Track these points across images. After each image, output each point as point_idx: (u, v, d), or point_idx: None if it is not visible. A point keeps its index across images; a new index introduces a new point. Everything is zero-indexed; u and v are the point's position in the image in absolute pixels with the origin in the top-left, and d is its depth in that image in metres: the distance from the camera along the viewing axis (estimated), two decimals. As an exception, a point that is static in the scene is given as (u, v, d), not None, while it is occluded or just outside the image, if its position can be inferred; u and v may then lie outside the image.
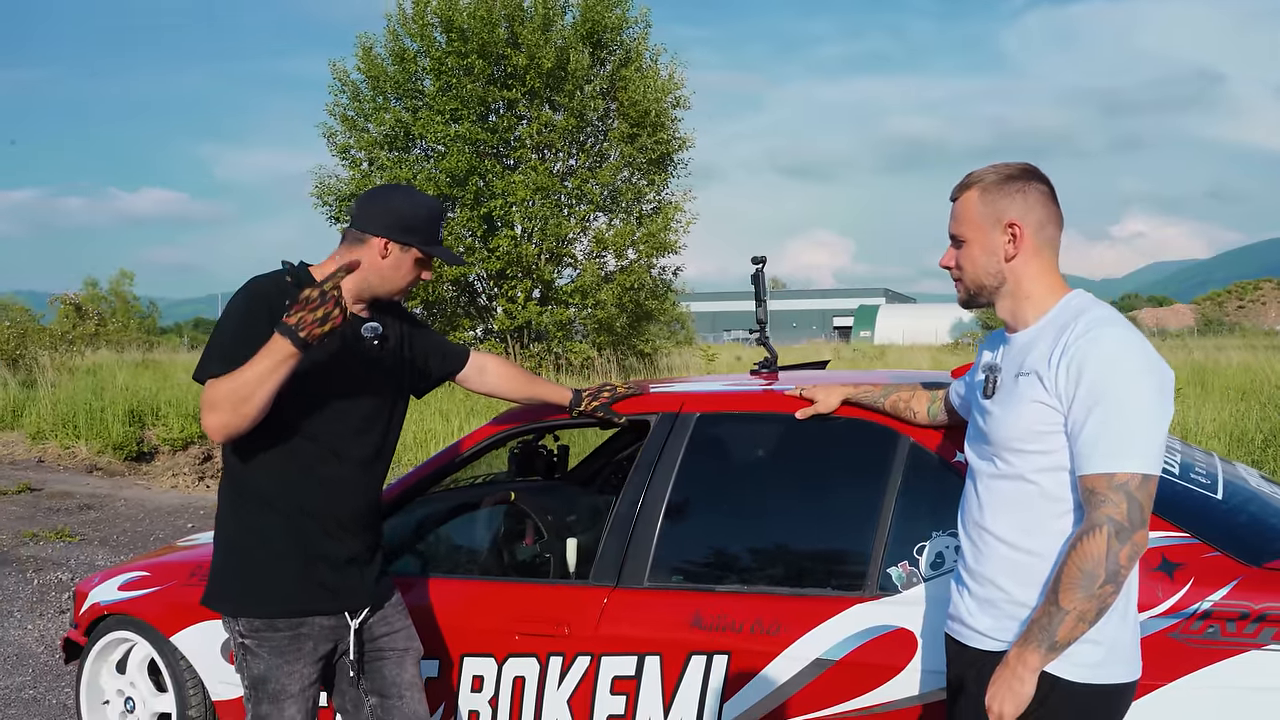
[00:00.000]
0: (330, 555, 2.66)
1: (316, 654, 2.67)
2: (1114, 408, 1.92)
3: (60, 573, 7.43)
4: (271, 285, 2.62)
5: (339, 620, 2.69)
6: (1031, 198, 2.12)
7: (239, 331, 2.51)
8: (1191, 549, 2.41)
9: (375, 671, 2.77)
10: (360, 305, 2.72)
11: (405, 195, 2.73)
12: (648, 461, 3.07)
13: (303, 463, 2.61)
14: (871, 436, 2.82)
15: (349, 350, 2.66)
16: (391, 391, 2.80)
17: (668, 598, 2.90)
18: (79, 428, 14.21)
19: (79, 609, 4.05)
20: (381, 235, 2.63)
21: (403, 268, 2.67)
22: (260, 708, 2.65)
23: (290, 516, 2.62)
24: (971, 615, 2.14)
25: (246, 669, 2.65)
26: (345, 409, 2.66)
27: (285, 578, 2.62)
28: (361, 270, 2.64)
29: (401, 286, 2.71)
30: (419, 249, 2.66)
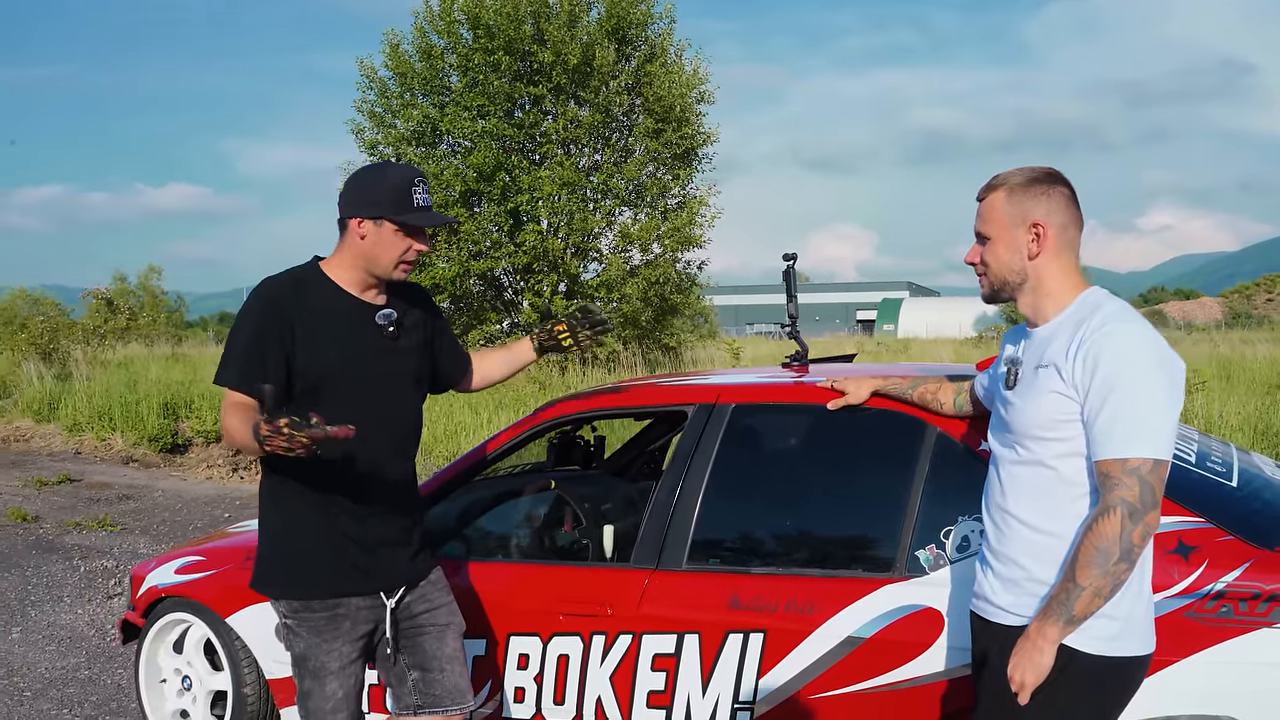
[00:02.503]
0: (361, 539, 2.77)
1: (355, 633, 2.79)
2: (1127, 397, 2.05)
3: (105, 560, 7.63)
4: (283, 288, 2.72)
5: (375, 600, 2.81)
6: (1055, 200, 2.25)
7: (249, 343, 2.64)
8: (1206, 533, 2.53)
9: (416, 647, 2.89)
10: (373, 290, 2.80)
11: (370, 171, 2.77)
12: (685, 450, 3.21)
13: (329, 457, 2.64)
14: (900, 426, 2.95)
15: (367, 340, 2.75)
16: (410, 378, 2.87)
17: (706, 579, 3.04)
18: (114, 420, 14.46)
19: (136, 592, 4.20)
20: (353, 216, 2.70)
21: (384, 242, 2.69)
22: (304, 683, 2.79)
23: (320, 504, 2.74)
24: (995, 593, 2.28)
25: (290, 647, 2.81)
26: (366, 400, 2.73)
27: (319, 562, 2.75)
28: (352, 254, 2.73)
29: (394, 261, 2.72)
30: (390, 219, 2.67)
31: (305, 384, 2.67)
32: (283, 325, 2.64)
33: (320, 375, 2.68)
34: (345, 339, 2.72)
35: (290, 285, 2.73)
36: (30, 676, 5.15)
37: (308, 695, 2.78)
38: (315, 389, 2.67)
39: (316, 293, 2.73)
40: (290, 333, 2.65)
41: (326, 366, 2.68)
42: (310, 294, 2.72)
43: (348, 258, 2.76)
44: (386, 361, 2.80)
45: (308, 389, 2.67)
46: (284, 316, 2.65)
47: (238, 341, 2.67)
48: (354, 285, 2.77)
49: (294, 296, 2.70)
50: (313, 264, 2.82)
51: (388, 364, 2.80)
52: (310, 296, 2.72)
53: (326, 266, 2.79)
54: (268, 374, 2.59)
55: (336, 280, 2.77)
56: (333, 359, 2.69)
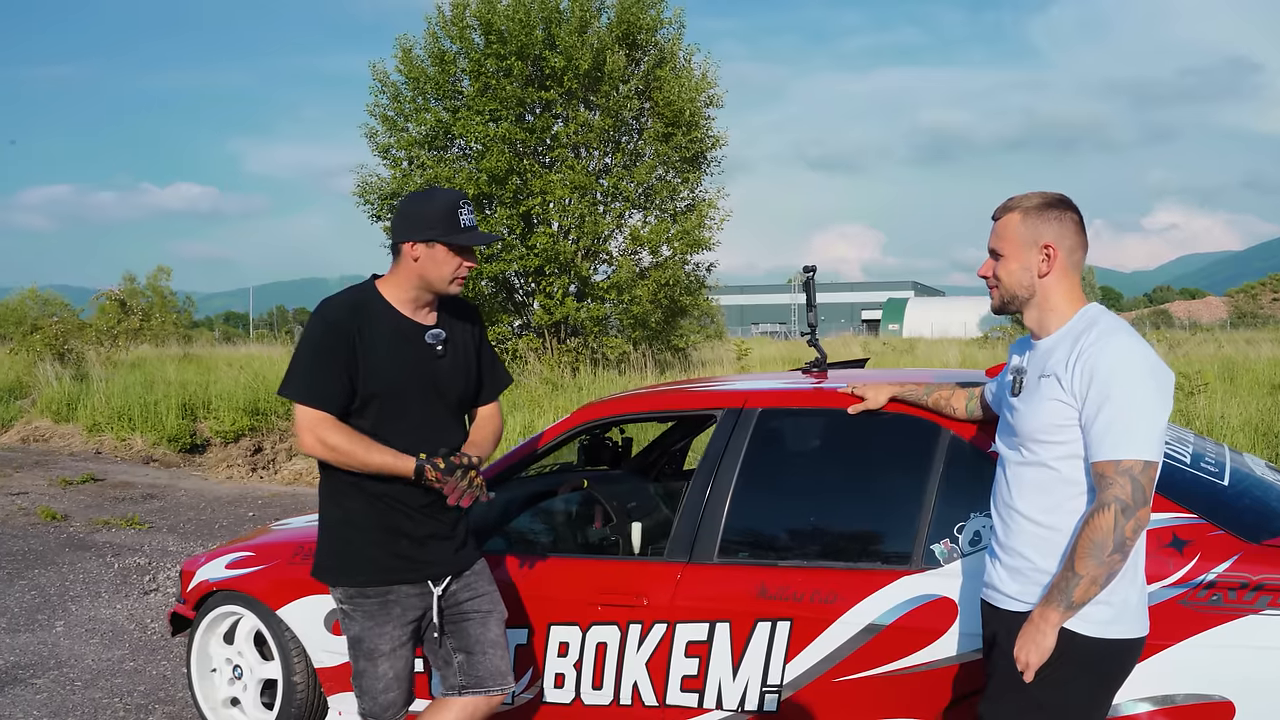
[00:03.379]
0: (411, 532, 3.02)
1: (405, 618, 3.04)
2: (1120, 404, 2.28)
3: (137, 557, 7.86)
4: (344, 309, 2.97)
5: (423, 588, 3.05)
6: (1066, 225, 2.48)
7: (316, 363, 2.91)
8: (1199, 528, 2.76)
9: (461, 631, 3.12)
10: (425, 309, 3.06)
11: (419, 198, 3.03)
12: (715, 451, 3.43)
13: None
14: (916, 430, 3.18)
15: (418, 357, 3.01)
16: (455, 392, 3.12)
17: (736, 571, 3.26)
18: (134, 420, 14.68)
19: (186, 586, 4.42)
20: (406, 240, 2.97)
21: (438, 262, 2.95)
22: (359, 664, 3.05)
23: (374, 501, 2.99)
24: (1003, 582, 2.51)
25: (346, 630, 3.06)
26: (416, 412, 3.00)
27: (373, 552, 3.00)
28: (407, 275, 2.99)
29: (447, 279, 2.98)
30: (440, 241, 2.94)
31: (364, 397, 2.93)
32: (345, 344, 2.91)
33: (378, 389, 2.94)
34: (399, 356, 2.98)
35: (349, 308, 2.98)
36: (79, 668, 5.38)
37: (362, 675, 3.03)
38: (373, 401, 2.94)
39: (374, 313, 2.98)
40: (352, 351, 2.91)
41: (383, 382, 2.94)
42: (369, 314, 2.98)
43: (403, 279, 3.01)
44: (435, 376, 3.04)
45: (367, 401, 2.93)
46: (346, 336, 2.91)
47: (304, 360, 2.93)
48: (407, 305, 3.02)
49: (354, 317, 2.95)
50: (370, 284, 3.07)
51: (436, 378, 3.05)
52: (369, 317, 2.97)
53: (383, 286, 3.04)
54: (334, 391, 2.88)
55: (391, 300, 3.02)
56: (388, 375, 2.95)
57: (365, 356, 2.92)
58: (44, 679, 5.20)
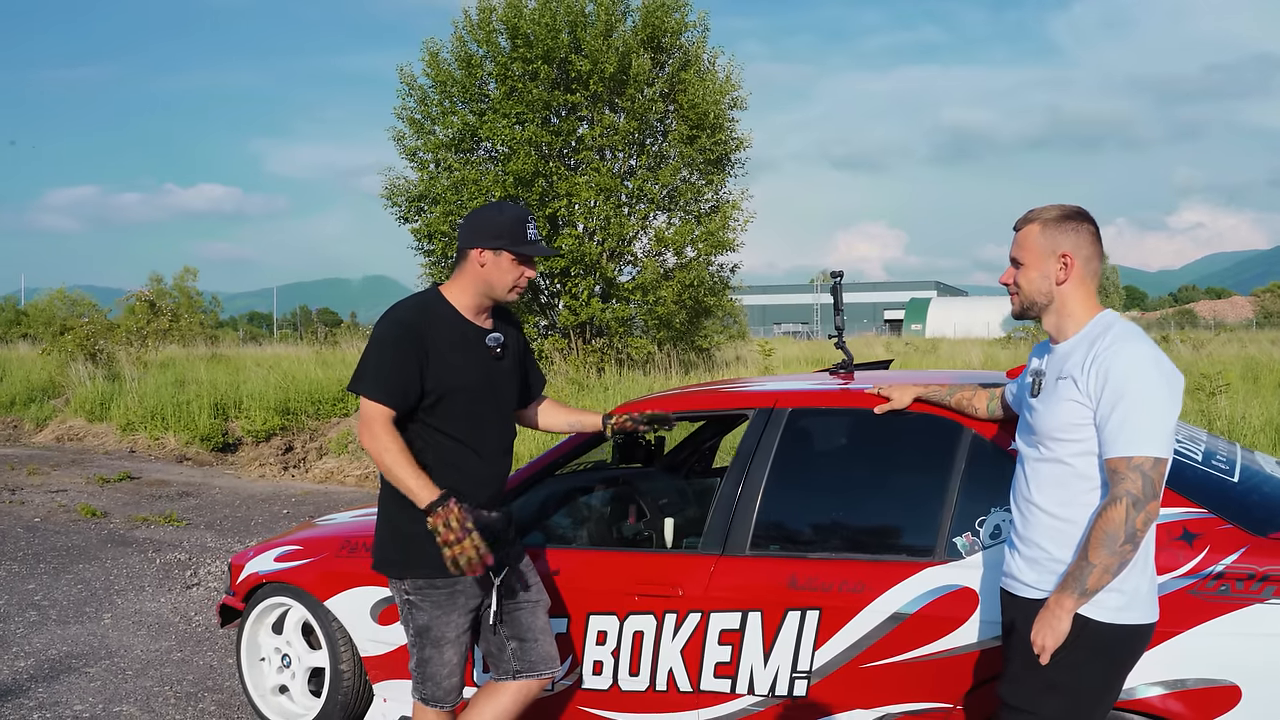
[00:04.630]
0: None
1: (468, 607, 3.23)
2: (1132, 405, 2.43)
3: (177, 553, 8.07)
4: (414, 312, 3.16)
5: (484, 579, 3.24)
6: (1084, 235, 2.63)
7: (390, 362, 3.08)
8: (1208, 522, 2.90)
9: (514, 620, 3.31)
10: (484, 314, 3.26)
11: (489, 209, 3.23)
12: (747, 449, 3.59)
13: (445, 455, 3.16)
14: (939, 429, 3.33)
15: (479, 360, 3.21)
16: (513, 393, 3.35)
17: (767, 563, 3.42)
18: (166, 420, 14.96)
19: (235, 579, 4.61)
20: (474, 247, 3.17)
21: (502, 269, 3.16)
22: (424, 652, 3.22)
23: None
24: (1021, 572, 2.66)
25: (411, 620, 3.22)
26: (477, 411, 3.20)
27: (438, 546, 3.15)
28: (472, 280, 3.18)
29: (509, 286, 3.18)
30: (508, 250, 3.14)
31: (434, 395, 3.12)
32: (416, 346, 3.10)
33: (446, 388, 3.13)
34: (465, 358, 3.18)
35: (419, 311, 3.18)
36: (128, 658, 5.58)
37: (427, 662, 3.20)
38: (441, 399, 3.12)
39: (440, 317, 3.18)
40: (424, 353, 3.10)
41: (451, 381, 3.13)
42: (436, 318, 3.17)
43: (468, 284, 3.21)
44: (495, 377, 3.25)
45: (436, 399, 3.12)
46: (417, 339, 3.10)
47: (376, 358, 3.11)
48: (469, 309, 3.22)
49: (423, 320, 3.15)
50: (434, 291, 3.27)
51: (496, 379, 3.25)
52: (436, 320, 3.17)
53: (447, 291, 3.24)
54: (405, 387, 3.06)
55: (455, 305, 3.22)
56: (455, 375, 3.14)
57: (434, 356, 3.10)
58: (96, 668, 5.41)
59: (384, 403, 3.07)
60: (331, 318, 72.51)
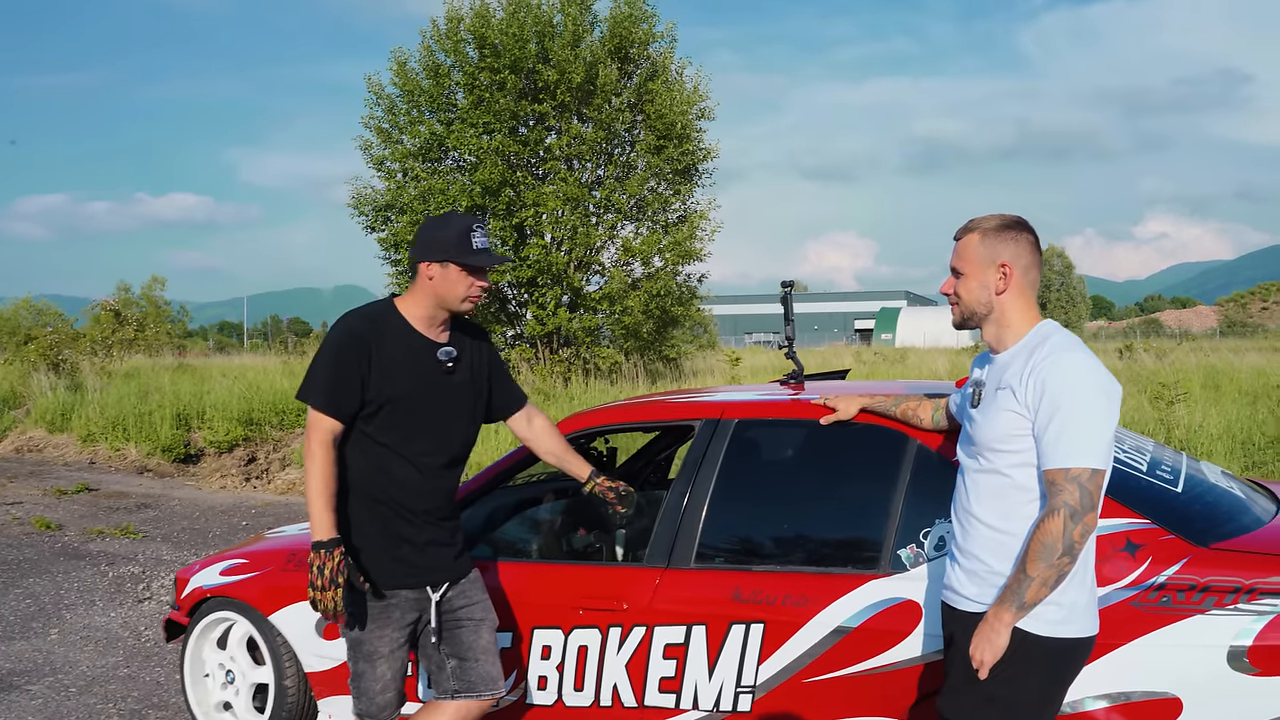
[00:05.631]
0: (412, 538, 3.16)
1: (404, 621, 3.16)
2: (1069, 415, 2.41)
3: (131, 566, 7.93)
4: (363, 322, 3.14)
5: (422, 593, 3.19)
6: (1023, 245, 2.61)
7: (335, 371, 3.06)
8: (1151, 533, 2.88)
9: (455, 638, 3.25)
10: (439, 327, 3.22)
11: (435, 222, 3.20)
12: (693, 460, 3.56)
13: (384, 466, 3.12)
14: (884, 439, 3.30)
15: (425, 373, 3.16)
16: (466, 409, 3.28)
17: (712, 576, 3.38)
18: (128, 430, 14.72)
19: (180, 593, 4.51)
20: (422, 261, 3.14)
21: (451, 281, 3.12)
22: (358, 666, 3.16)
23: (377, 509, 3.13)
24: (961, 584, 2.63)
25: (346, 632, 3.16)
26: (422, 426, 3.15)
27: (376, 558, 3.12)
28: (423, 294, 3.15)
29: (460, 298, 3.15)
30: (455, 262, 3.10)
31: (376, 405, 3.08)
32: (362, 355, 3.06)
33: (388, 399, 3.09)
34: (411, 370, 3.13)
35: (370, 320, 3.15)
36: (73, 674, 5.47)
37: (361, 676, 3.14)
38: (383, 410, 3.08)
39: (390, 328, 3.15)
40: (367, 362, 3.06)
41: (394, 393, 3.09)
42: (385, 329, 3.14)
43: (420, 297, 3.17)
44: (444, 391, 3.20)
45: (376, 409, 3.08)
46: (363, 348, 3.07)
47: (323, 368, 3.08)
48: (423, 322, 3.18)
49: (371, 332, 3.11)
50: (389, 302, 3.23)
51: (445, 393, 3.20)
52: (385, 331, 3.14)
53: (401, 304, 3.21)
54: (348, 397, 3.04)
55: (408, 317, 3.18)
56: (399, 387, 3.10)
57: (377, 366, 3.07)
58: (39, 685, 5.30)
59: (327, 411, 3.04)
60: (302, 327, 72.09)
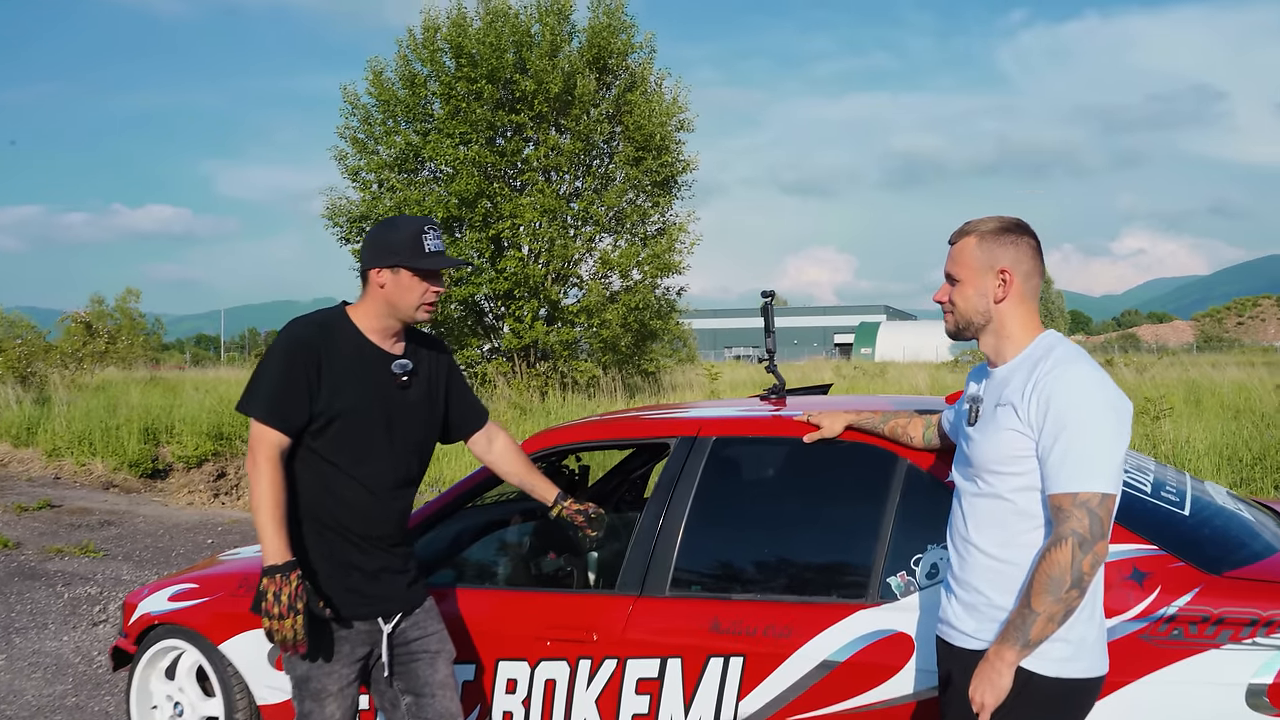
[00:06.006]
0: (362, 565, 2.92)
1: (354, 655, 2.92)
2: (1077, 435, 2.20)
3: (89, 587, 7.65)
4: (312, 329, 2.89)
5: (373, 625, 2.94)
6: (1023, 250, 2.41)
7: (280, 380, 2.81)
8: (1159, 560, 2.68)
9: (410, 672, 3.01)
10: (393, 339, 2.98)
11: (384, 225, 2.98)
12: (668, 480, 3.34)
13: (332, 487, 2.88)
14: (872, 459, 3.09)
15: (377, 387, 2.93)
16: (420, 426, 3.04)
17: (688, 605, 3.16)
18: (94, 445, 14.40)
19: (128, 619, 4.26)
20: (372, 267, 2.91)
21: (404, 288, 2.89)
22: (304, 705, 2.91)
23: (325, 533, 2.89)
24: (958, 618, 2.42)
25: (291, 669, 2.91)
26: (368, 441, 2.91)
27: (323, 586, 2.87)
28: (375, 303, 2.92)
29: (414, 305, 2.92)
30: (405, 266, 2.88)
31: (322, 419, 2.84)
32: (309, 365, 2.82)
33: (337, 413, 2.85)
34: (362, 383, 2.89)
35: (318, 328, 2.91)
36: (17, 704, 5.19)
37: (308, 716, 2.89)
38: (330, 424, 2.85)
39: (341, 338, 2.91)
40: (316, 373, 2.83)
41: (343, 406, 2.85)
42: (336, 338, 2.90)
43: (371, 306, 2.94)
44: (397, 406, 2.96)
45: (324, 424, 2.84)
46: (311, 357, 2.83)
47: (267, 377, 2.84)
48: (376, 333, 2.95)
49: (321, 339, 2.88)
50: (340, 310, 2.99)
51: (398, 408, 2.96)
52: (336, 341, 2.90)
53: (353, 313, 2.97)
54: (295, 408, 2.80)
55: (361, 327, 2.95)
56: (349, 400, 2.86)
57: (327, 378, 2.84)
58: (-20, 716, 5.03)
59: (271, 424, 2.80)
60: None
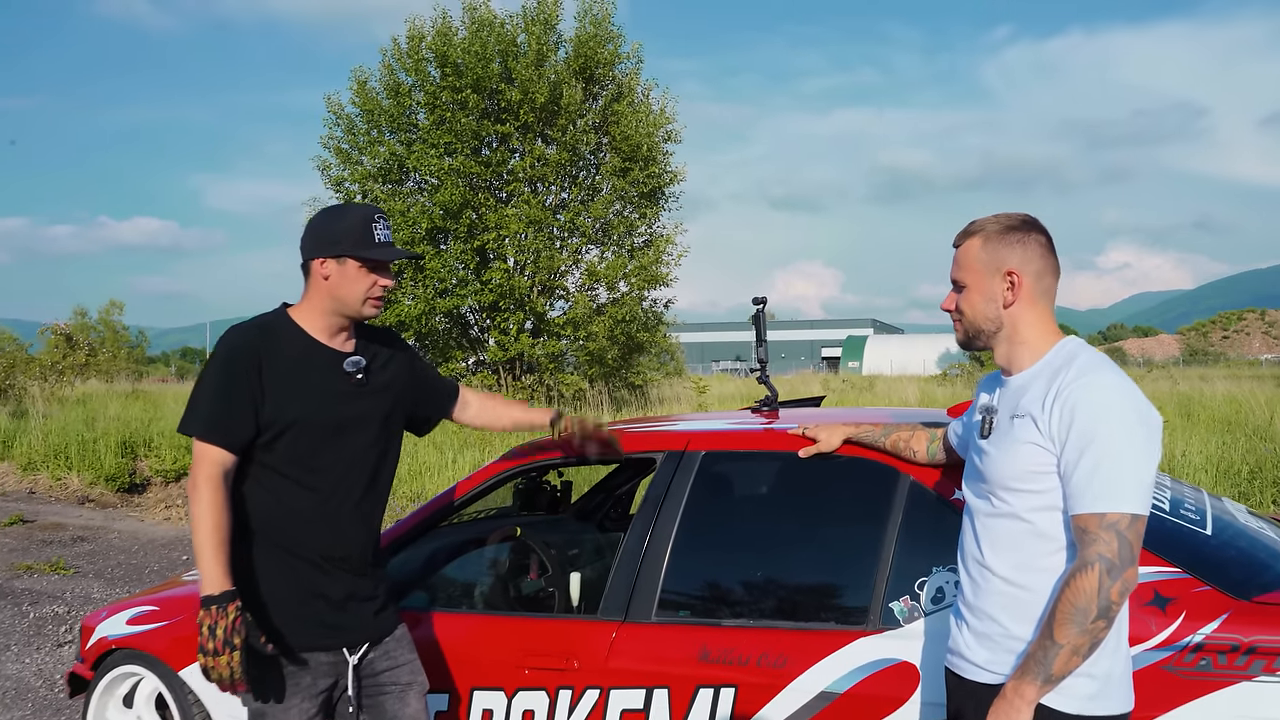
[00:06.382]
0: (327, 593, 2.69)
1: (316, 689, 2.69)
2: (1104, 450, 2.01)
3: (56, 606, 7.43)
4: (251, 336, 2.67)
5: (338, 656, 2.71)
6: (1031, 248, 2.22)
7: (220, 393, 2.59)
8: (1183, 583, 2.49)
9: (377, 706, 2.79)
10: (342, 336, 2.76)
11: (329, 213, 2.76)
12: (654, 498, 3.14)
13: (290, 504, 2.65)
14: (873, 475, 2.90)
15: (334, 388, 2.70)
16: (379, 428, 2.80)
17: (675, 632, 2.95)
18: (70, 459, 14.17)
19: (85, 643, 4.05)
20: (315, 257, 2.69)
21: (349, 279, 2.68)
22: None
23: (285, 558, 2.66)
24: (970, 649, 2.22)
25: (247, 702, 2.68)
26: (329, 449, 2.69)
27: (283, 615, 2.65)
28: (319, 297, 2.70)
29: (360, 298, 2.70)
30: (351, 256, 2.66)
31: (272, 430, 2.62)
32: (251, 374, 2.60)
33: (288, 424, 2.63)
34: (313, 388, 2.67)
35: (258, 334, 2.68)
36: (-26, 730, 4.98)
37: None
38: (281, 435, 2.63)
39: (285, 341, 2.69)
40: (259, 383, 2.60)
41: (294, 416, 2.63)
42: (279, 342, 2.68)
43: (315, 301, 2.72)
44: (355, 409, 2.74)
45: (275, 435, 2.63)
46: (252, 364, 2.61)
47: (207, 393, 2.62)
48: (323, 331, 2.73)
49: (263, 345, 2.65)
50: (281, 311, 2.77)
51: (356, 412, 2.74)
52: (279, 345, 2.67)
53: (295, 313, 2.74)
54: (239, 423, 2.58)
55: (305, 327, 2.72)
56: (300, 408, 2.64)
57: (273, 383, 2.62)
58: (-67, 744, 4.80)
59: (213, 441, 2.56)
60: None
